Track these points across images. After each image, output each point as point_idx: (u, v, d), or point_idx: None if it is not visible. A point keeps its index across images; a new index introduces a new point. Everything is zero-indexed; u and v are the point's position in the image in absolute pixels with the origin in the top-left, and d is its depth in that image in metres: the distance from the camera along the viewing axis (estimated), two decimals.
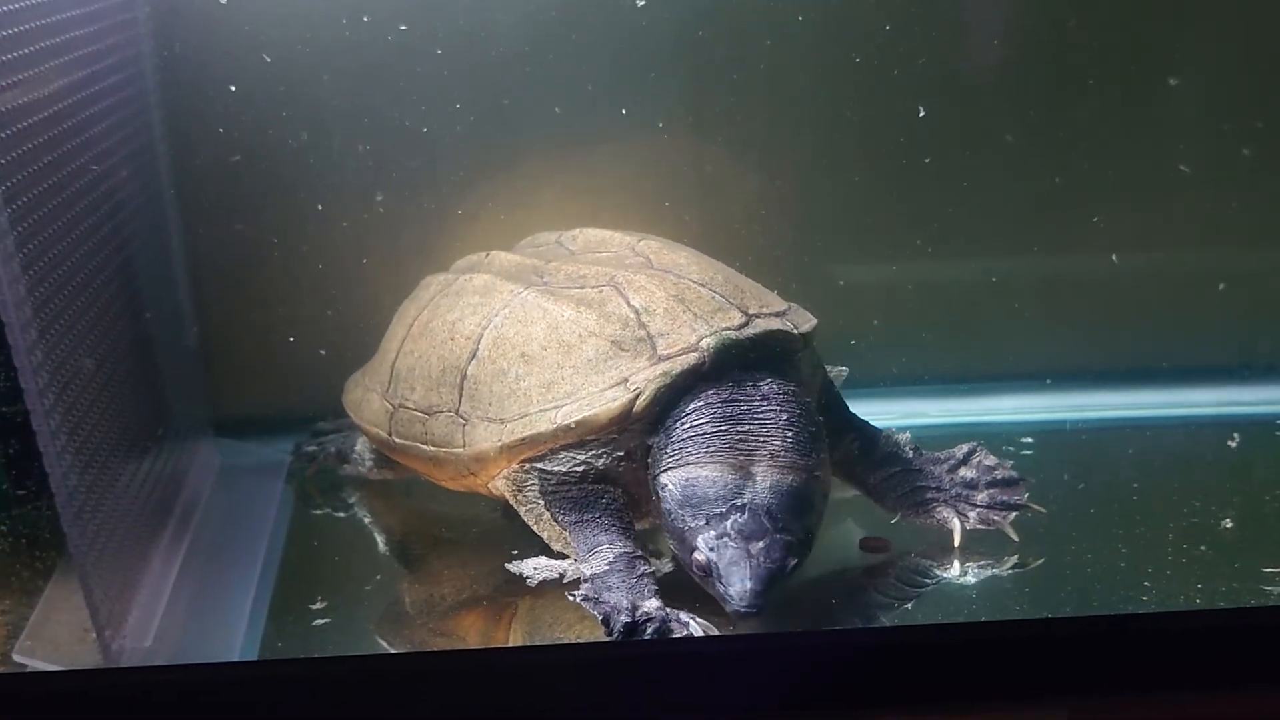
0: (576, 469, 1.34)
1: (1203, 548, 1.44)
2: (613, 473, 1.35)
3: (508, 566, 1.38)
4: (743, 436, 1.30)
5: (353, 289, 1.75)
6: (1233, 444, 1.68)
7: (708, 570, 1.25)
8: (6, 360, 1.12)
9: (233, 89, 1.65)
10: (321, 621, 1.35)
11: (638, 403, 1.31)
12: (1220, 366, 1.88)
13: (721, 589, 1.24)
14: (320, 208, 1.72)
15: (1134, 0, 1.76)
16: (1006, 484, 1.47)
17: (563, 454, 1.34)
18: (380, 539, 1.60)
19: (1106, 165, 1.80)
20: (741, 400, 1.32)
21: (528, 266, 1.51)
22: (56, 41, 1.29)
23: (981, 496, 1.46)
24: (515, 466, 1.37)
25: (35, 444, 1.14)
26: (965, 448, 1.49)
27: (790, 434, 1.31)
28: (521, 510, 1.39)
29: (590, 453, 1.34)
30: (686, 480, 1.29)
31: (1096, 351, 1.89)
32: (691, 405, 1.31)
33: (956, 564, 1.42)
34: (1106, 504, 1.56)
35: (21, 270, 1.13)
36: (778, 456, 1.29)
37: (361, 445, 1.67)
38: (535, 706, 1.27)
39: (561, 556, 1.38)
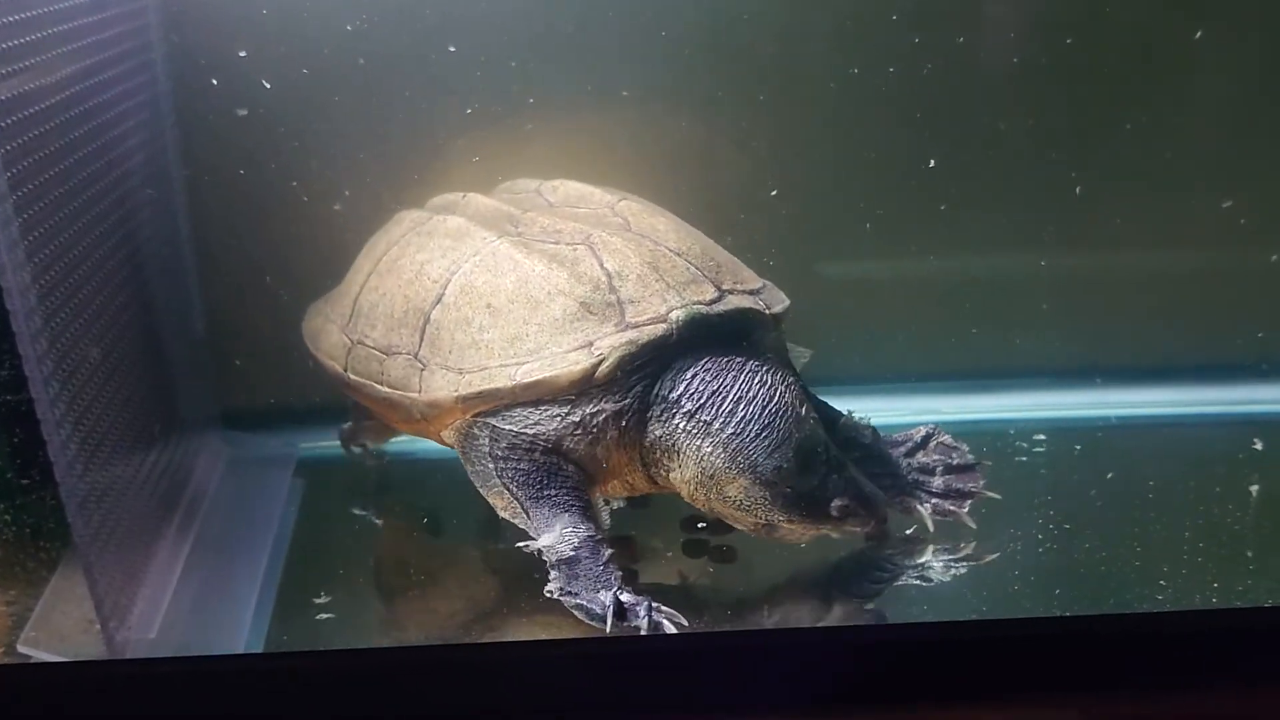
0: (527, 431, 1.32)
1: (1219, 546, 1.43)
2: (565, 441, 1.32)
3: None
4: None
5: None
6: (1258, 447, 1.66)
7: (848, 511, 1.31)
8: (11, 348, 1.11)
9: (232, 77, 1.65)
10: (325, 616, 1.34)
11: (600, 368, 1.30)
12: (1237, 364, 1.87)
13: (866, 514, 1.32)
14: (329, 198, 1.71)
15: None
16: (963, 469, 1.47)
17: (517, 412, 1.32)
18: (385, 534, 1.60)
19: (1122, 162, 1.78)
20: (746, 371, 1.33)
21: (503, 214, 1.49)
22: (63, 28, 1.29)
23: (938, 483, 1.46)
24: (467, 419, 1.35)
25: (40, 433, 1.14)
26: (924, 430, 1.49)
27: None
28: (469, 468, 1.36)
29: (545, 413, 1.32)
30: (795, 452, 1.29)
31: (1111, 349, 1.88)
32: (733, 387, 1.31)
33: (964, 559, 1.42)
34: (1122, 502, 1.55)
35: (26, 258, 1.13)
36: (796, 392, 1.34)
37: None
38: (535, 699, 1.27)
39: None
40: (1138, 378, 1.87)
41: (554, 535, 1.29)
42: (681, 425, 1.31)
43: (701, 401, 1.31)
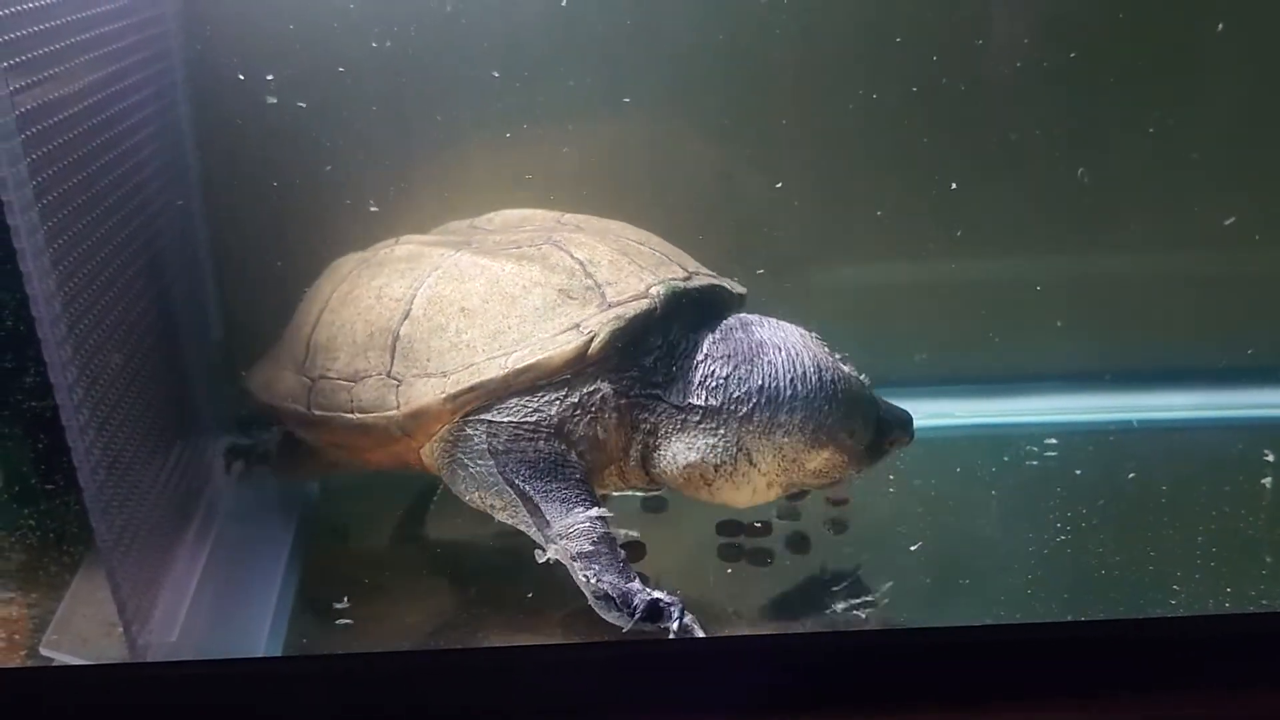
0: (529, 419, 1.30)
1: (1232, 551, 1.43)
2: (566, 424, 1.31)
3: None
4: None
5: None
6: (1269, 458, 1.66)
7: (901, 443, 1.38)
8: (36, 355, 1.12)
9: (253, 82, 1.65)
10: (344, 622, 1.35)
11: (593, 345, 1.30)
12: (1250, 369, 1.87)
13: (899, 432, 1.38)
14: (347, 201, 1.72)
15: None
16: None
17: (513, 402, 1.31)
18: (402, 538, 1.60)
19: (1136, 165, 1.79)
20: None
21: (450, 241, 1.48)
22: (85, 37, 1.29)
23: None
24: (455, 423, 1.33)
25: (64, 439, 1.14)
26: None
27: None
28: (458, 475, 1.34)
29: (543, 399, 1.31)
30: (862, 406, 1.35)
31: (1124, 353, 1.88)
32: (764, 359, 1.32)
33: (980, 561, 1.43)
34: (1134, 506, 1.56)
35: (51, 265, 1.13)
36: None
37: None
38: (553, 702, 1.27)
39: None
40: (1150, 382, 1.88)
41: (571, 528, 1.27)
42: (746, 429, 1.31)
43: (755, 400, 1.31)
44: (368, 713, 1.27)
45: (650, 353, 1.33)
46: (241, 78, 1.64)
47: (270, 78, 1.64)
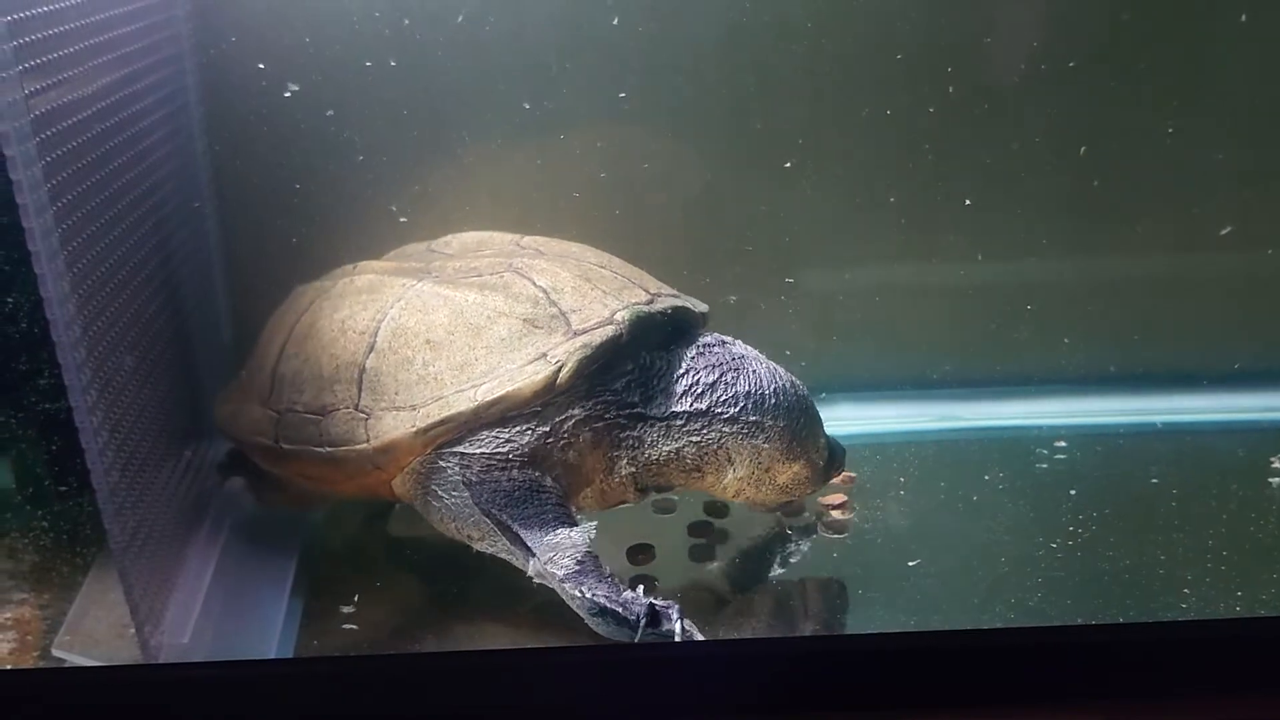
0: (501, 449, 1.31)
1: (1242, 555, 1.43)
2: (539, 452, 1.32)
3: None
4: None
5: None
6: (1277, 464, 1.65)
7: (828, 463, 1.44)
8: (50, 357, 1.12)
9: (268, 83, 1.66)
10: (350, 626, 1.35)
11: (561, 375, 1.30)
12: (1260, 371, 1.86)
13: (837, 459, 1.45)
14: (359, 205, 1.72)
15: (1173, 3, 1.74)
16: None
17: (484, 434, 1.31)
18: (411, 540, 1.59)
19: (1145, 169, 1.78)
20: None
21: (409, 268, 1.47)
22: (99, 40, 1.30)
23: None
24: (428, 456, 1.33)
25: (77, 440, 1.15)
26: None
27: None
28: (431, 506, 1.34)
29: (514, 429, 1.31)
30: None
31: (1133, 356, 1.88)
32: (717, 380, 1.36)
33: (988, 563, 1.43)
34: (1144, 508, 1.55)
35: (65, 267, 1.14)
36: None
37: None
38: (558, 704, 1.27)
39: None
40: (1160, 385, 1.87)
41: (554, 551, 1.28)
42: (729, 430, 1.34)
43: (742, 404, 1.35)
44: (376, 714, 1.27)
45: (621, 377, 1.34)
46: (261, 66, 1.64)
47: (288, 93, 1.64)
